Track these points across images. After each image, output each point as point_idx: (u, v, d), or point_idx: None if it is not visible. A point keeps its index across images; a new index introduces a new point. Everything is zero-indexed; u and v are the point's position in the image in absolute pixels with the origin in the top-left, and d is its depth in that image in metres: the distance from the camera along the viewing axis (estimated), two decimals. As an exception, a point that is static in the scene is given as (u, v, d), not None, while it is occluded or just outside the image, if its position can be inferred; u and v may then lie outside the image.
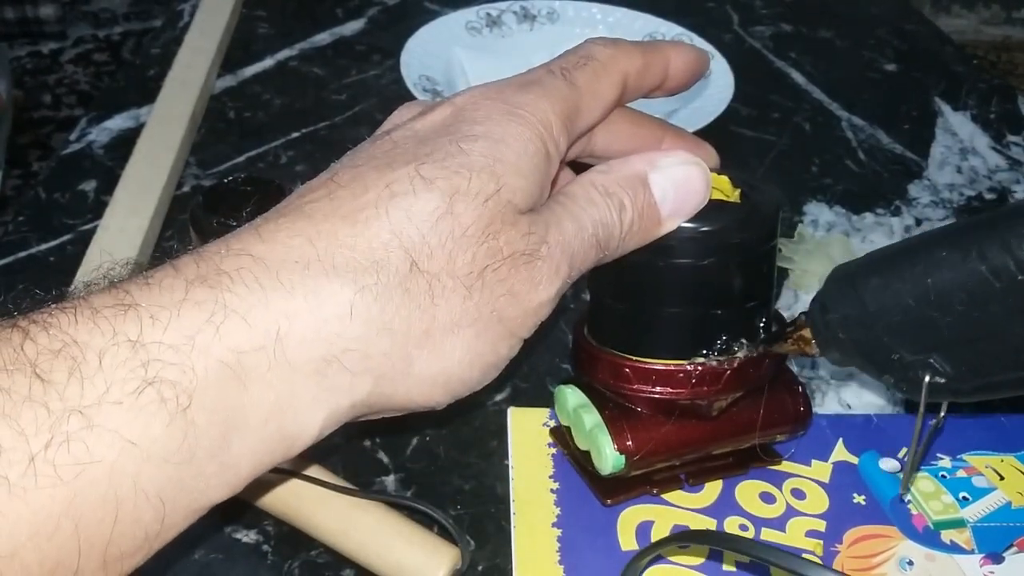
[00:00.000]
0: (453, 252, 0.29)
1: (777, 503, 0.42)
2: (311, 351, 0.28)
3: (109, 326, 0.26)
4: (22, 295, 0.28)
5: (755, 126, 0.73)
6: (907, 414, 0.49)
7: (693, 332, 0.38)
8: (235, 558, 0.41)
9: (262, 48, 0.79)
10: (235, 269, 0.28)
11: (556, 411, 0.43)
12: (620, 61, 0.35)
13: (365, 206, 0.29)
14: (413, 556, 0.39)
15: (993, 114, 0.76)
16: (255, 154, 0.67)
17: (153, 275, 0.28)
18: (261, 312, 0.27)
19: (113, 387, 0.25)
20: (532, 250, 0.31)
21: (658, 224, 0.34)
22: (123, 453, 0.25)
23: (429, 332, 0.29)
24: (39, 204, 0.61)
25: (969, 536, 0.42)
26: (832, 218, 0.63)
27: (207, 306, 0.27)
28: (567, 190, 0.33)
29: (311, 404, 0.28)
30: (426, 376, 0.30)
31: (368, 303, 0.28)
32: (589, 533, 0.41)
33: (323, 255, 0.28)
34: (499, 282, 0.30)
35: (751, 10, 0.90)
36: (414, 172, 0.30)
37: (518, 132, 0.31)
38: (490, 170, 0.30)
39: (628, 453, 0.39)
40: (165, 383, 0.26)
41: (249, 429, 0.27)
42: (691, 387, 0.38)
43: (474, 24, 0.78)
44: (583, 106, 0.34)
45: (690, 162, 0.35)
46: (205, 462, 0.27)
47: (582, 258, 0.32)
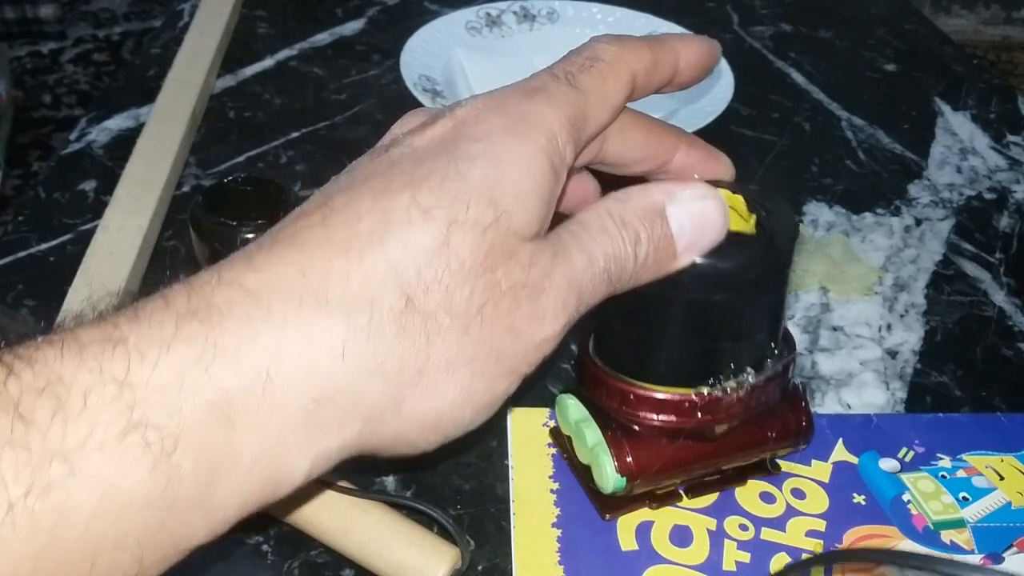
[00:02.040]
0: (450, 287, 0.28)
1: (777, 503, 0.42)
2: (301, 392, 0.27)
3: (96, 363, 0.25)
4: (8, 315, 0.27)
5: (755, 126, 0.73)
6: (907, 414, 0.49)
7: (701, 363, 0.37)
8: (235, 558, 0.41)
9: (262, 48, 0.79)
10: (226, 302, 0.27)
11: (557, 418, 0.43)
12: (627, 60, 0.34)
13: (359, 235, 0.28)
14: (413, 556, 0.39)
15: (993, 114, 0.76)
16: (255, 154, 0.67)
17: (143, 308, 0.27)
18: (251, 351, 0.26)
19: (97, 430, 0.24)
20: (535, 283, 0.30)
21: (673, 259, 0.33)
22: (103, 499, 0.24)
23: (423, 372, 0.28)
24: (39, 204, 0.61)
25: (969, 536, 0.42)
26: (832, 218, 0.63)
27: (197, 343, 0.26)
28: (580, 218, 0.32)
29: (299, 446, 0.27)
30: (416, 416, 0.29)
31: (360, 343, 0.27)
32: (589, 534, 0.41)
33: (316, 289, 0.27)
34: (499, 318, 0.29)
35: (751, 10, 0.90)
36: (410, 200, 0.28)
37: (520, 150, 0.30)
38: (488, 196, 0.29)
39: (630, 475, 0.39)
40: (151, 427, 0.25)
41: (235, 472, 0.27)
42: (697, 416, 0.38)
43: (474, 24, 0.78)
44: (590, 111, 0.32)
45: (709, 196, 0.33)
46: (188, 506, 0.26)
47: (591, 292, 0.31)
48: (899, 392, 0.51)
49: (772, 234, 0.36)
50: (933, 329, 0.55)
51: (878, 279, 0.58)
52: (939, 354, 0.53)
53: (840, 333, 0.54)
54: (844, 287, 0.57)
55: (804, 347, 0.53)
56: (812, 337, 0.54)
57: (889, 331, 0.55)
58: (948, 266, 0.60)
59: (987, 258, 0.61)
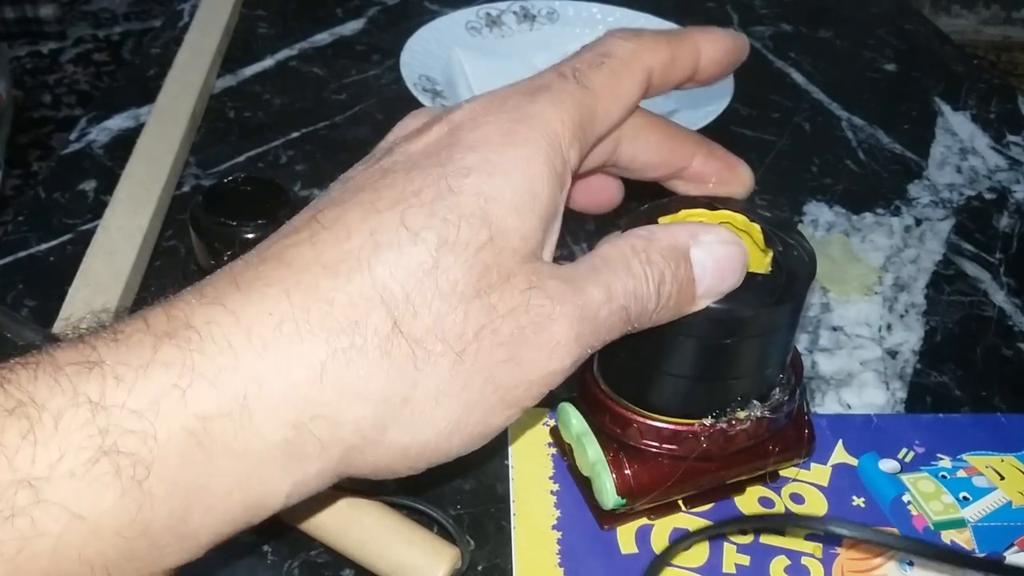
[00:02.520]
0: (441, 312, 0.27)
1: (776, 508, 0.42)
2: (279, 417, 0.26)
3: (70, 384, 0.24)
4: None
5: (755, 126, 0.73)
6: (907, 414, 0.49)
7: (708, 397, 0.37)
8: (235, 558, 0.41)
9: (262, 48, 0.79)
10: (205, 324, 0.26)
11: (559, 424, 0.42)
12: (643, 57, 0.32)
13: (347, 256, 0.27)
14: (413, 556, 0.39)
15: (993, 114, 0.76)
16: (255, 154, 0.67)
17: (123, 329, 0.26)
18: (229, 376, 0.25)
19: (67, 455, 0.24)
20: (539, 308, 0.28)
21: (692, 302, 0.32)
22: (70, 527, 0.24)
23: (408, 399, 0.27)
24: (39, 204, 0.61)
25: (970, 536, 0.42)
26: (832, 218, 0.63)
27: (174, 368, 0.25)
28: (603, 252, 0.31)
29: (277, 473, 0.27)
30: (399, 445, 0.28)
31: (340, 367, 0.26)
32: (589, 537, 0.41)
33: (298, 310, 0.26)
34: (498, 346, 0.27)
35: (751, 10, 0.90)
36: (399, 220, 0.27)
37: (518, 157, 0.29)
38: (482, 214, 0.27)
39: (630, 495, 0.39)
40: (123, 453, 0.24)
41: (211, 499, 0.26)
42: (700, 447, 0.37)
43: (474, 24, 0.78)
44: (599, 110, 0.31)
45: (732, 241, 0.33)
46: (160, 534, 0.25)
47: (607, 328, 0.30)
48: (899, 392, 0.51)
49: (789, 274, 0.35)
50: (933, 329, 0.55)
51: (878, 279, 0.58)
52: (939, 354, 0.53)
53: (840, 333, 0.54)
54: (844, 287, 0.57)
55: (804, 347, 0.53)
56: (812, 337, 0.54)
57: (889, 331, 0.55)
58: (948, 266, 0.60)
59: (987, 258, 0.61)
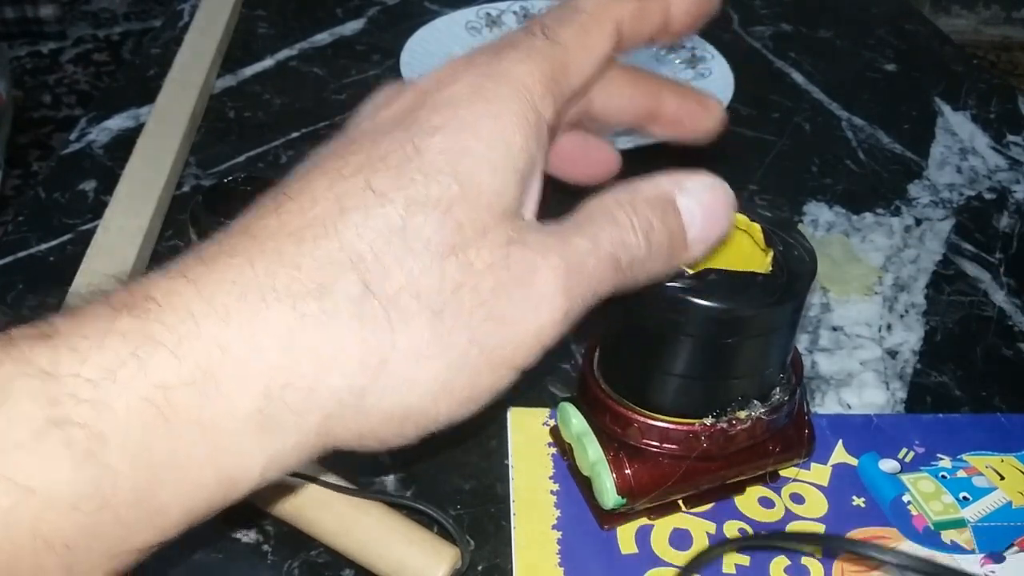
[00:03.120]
0: (414, 270, 0.26)
1: (776, 508, 0.42)
2: (247, 387, 0.25)
3: (22, 355, 0.23)
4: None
5: (755, 126, 0.73)
6: (907, 414, 0.49)
7: (709, 396, 0.37)
8: (235, 558, 0.41)
9: (262, 48, 0.79)
10: (165, 294, 0.25)
11: (559, 423, 0.42)
12: (611, 9, 0.31)
13: (312, 222, 0.26)
14: (413, 556, 0.39)
15: (993, 114, 0.76)
16: (255, 154, 0.67)
17: (83, 306, 0.25)
18: (191, 344, 0.24)
19: (15, 426, 0.23)
20: (521, 262, 0.27)
21: (684, 249, 0.31)
22: (20, 501, 0.23)
23: (387, 361, 0.26)
24: (39, 204, 0.61)
25: (970, 536, 0.41)
26: (832, 218, 0.63)
27: (132, 337, 0.24)
28: (586, 208, 0.30)
29: (250, 446, 0.25)
30: (380, 410, 0.27)
31: (310, 333, 0.25)
32: (589, 537, 0.41)
33: (263, 277, 0.25)
34: (479, 304, 0.27)
35: (751, 10, 0.90)
36: (364, 184, 0.26)
37: (488, 111, 0.28)
38: (451, 170, 0.27)
39: (630, 495, 0.39)
40: (75, 424, 0.23)
41: (180, 473, 0.25)
42: (701, 447, 0.37)
43: (474, 24, 0.78)
44: (571, 63, 0.30)
45: (716, 186, 0.32)
46: (125, 509, 0.24)
47: (598, 280, 0.29)
48: (899, 392, 0.51)
49: (789, 274, 0.35)
50: (933, 329, 0.55)
51: (878, 279, 0.58)
52: (939, 354, 0.53)
53: (840, 333, 0.54)
54: (844, 287, 0.57)
55: (804, 347, 0.53)
56: (812, 337, 0.54)
57: (889, 331, 0.55)
58: (948, 266, 0.60)
59: (987, 258, 0.61)
